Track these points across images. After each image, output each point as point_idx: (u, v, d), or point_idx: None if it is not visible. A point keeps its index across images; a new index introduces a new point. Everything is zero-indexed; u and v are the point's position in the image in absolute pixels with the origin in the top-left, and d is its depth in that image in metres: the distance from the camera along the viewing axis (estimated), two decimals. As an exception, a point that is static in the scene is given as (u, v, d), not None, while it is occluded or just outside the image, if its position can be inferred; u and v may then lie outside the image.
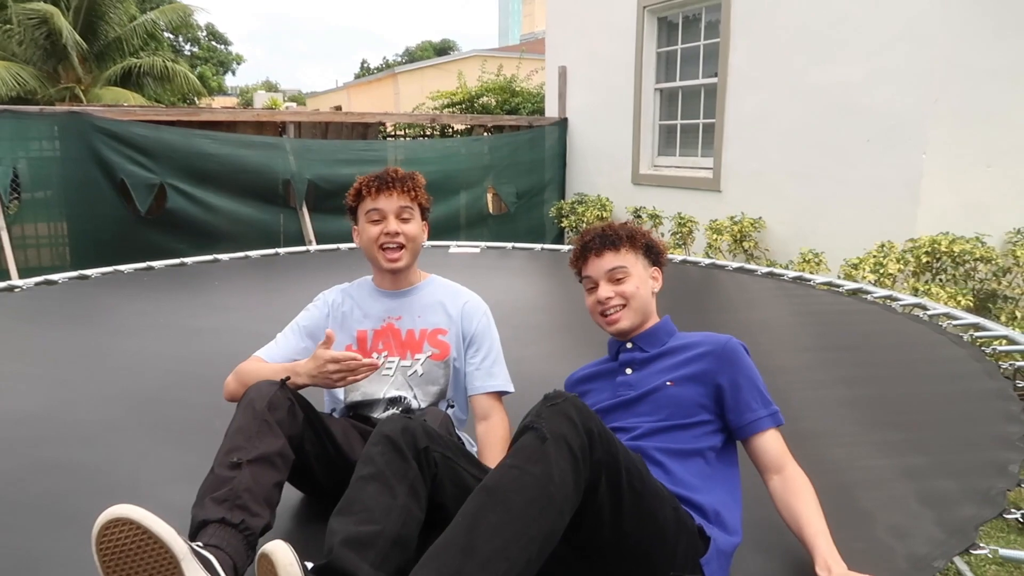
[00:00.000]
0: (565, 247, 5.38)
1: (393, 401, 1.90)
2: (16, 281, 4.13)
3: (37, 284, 4.05)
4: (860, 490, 1.87)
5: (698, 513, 1.45)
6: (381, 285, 2.02)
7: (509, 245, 5.40)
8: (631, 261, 1.74)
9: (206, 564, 1.24)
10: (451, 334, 1.94)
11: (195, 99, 18.59)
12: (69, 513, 1.78)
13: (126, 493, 1.84)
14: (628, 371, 1.71)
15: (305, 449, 1.60)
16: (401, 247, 1.92)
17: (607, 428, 1.31)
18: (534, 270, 4.85)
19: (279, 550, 1.22)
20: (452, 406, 1.94)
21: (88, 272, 4.27)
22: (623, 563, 1.34)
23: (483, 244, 5.42)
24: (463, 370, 1.95)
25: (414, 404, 1.89)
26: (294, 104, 30.82)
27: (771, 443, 1.58)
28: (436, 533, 1.28)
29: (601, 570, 1.35)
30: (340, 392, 1.95)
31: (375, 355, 1.92)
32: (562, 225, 7.75)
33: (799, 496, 1.52)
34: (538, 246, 5.31)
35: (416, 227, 1.95)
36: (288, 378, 1.63)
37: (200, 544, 1.30)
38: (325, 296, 2.04)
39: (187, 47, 28.40)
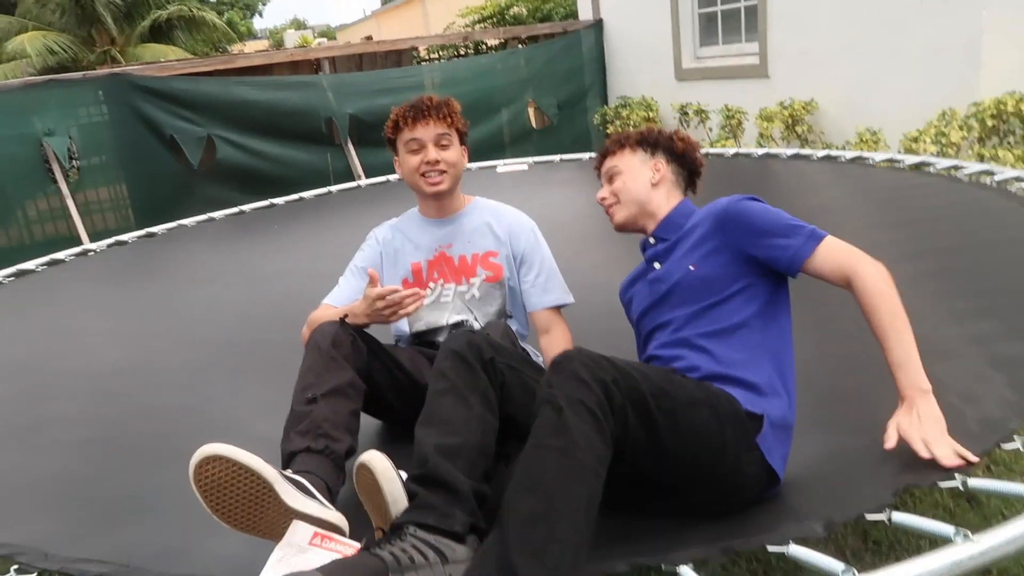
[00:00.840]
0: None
1: (456, 326, 1.97)
2: (89, 245, 4.31)
3: (109, 246, 4.22)
4: (931, 359, 1.85)
5: (750, 390, 1.47)
6: (427, 214, 2.06)
7: (557, 158, 5.34)
8: (623, 159, 1.82)
9: (299, 486, 1.34)
10: (502, 256, 1.98)
11: (227, 47, 18.57)
12: (171, 452, 1.89)
13: (220, 431, 1.96)
14: (657, 265, 1.73)
15: (375, 379, 1.70)
16: (442, 173, 1.94)
17: (622, 365, 1.31)
18: (583, 180, 4.80)
19: (376, 459, 1.31)
20: (511, 318, 1.99)
21: (154, 229, 4.43)
22: (679, 475, 1.39)
23: (530, 160, 5.37)
24: (519, 288, 2.00)
25: (476, 326, 1.95)
26: (325, 40, 30.53)
27: (822, 262, 1.52)
28: (510, 441, 1.39)
29: (662, 487, 1.42)
30: (404, 324, 2.01)
31: (431, 284, 1.98)
32: (608, 131, 7.60)
33: (872, 315, 1.47)
34: (586, 155, 5.24)
35: (455, 152, 1.96)
36: (347, 316, 1.72)
37: (291, 471, 1.40)
38: (376, 233, 2.09)
39: (212, -7, 28.20)
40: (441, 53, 9.04)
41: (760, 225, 1.58)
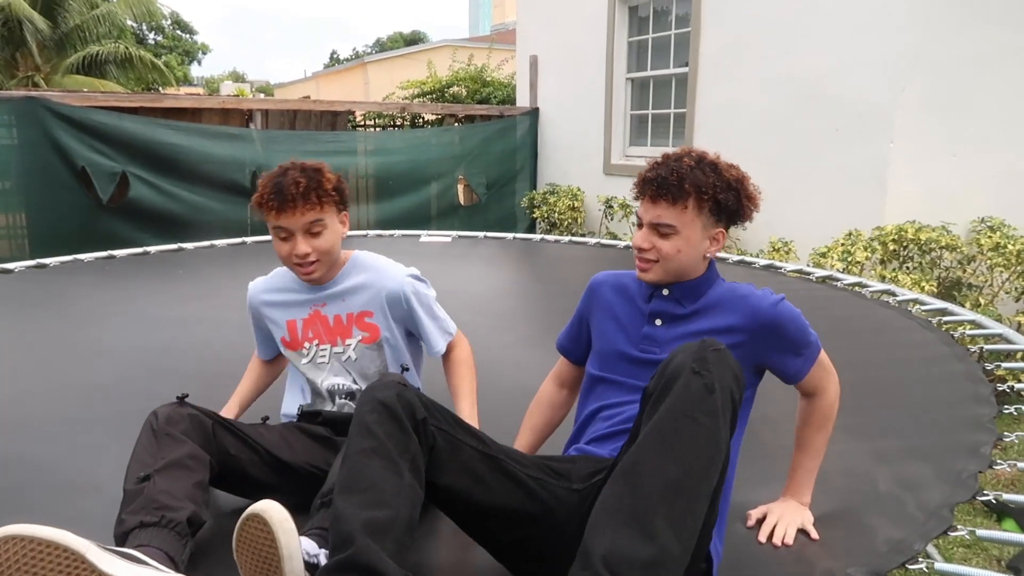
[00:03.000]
0: (537, 236, 5.35)
1: (333, 395, 1.88)
2: (-30, 271, 3.99)
3: (-8, 274, 3.92)
4: (834, 475, 1.86)
5: None
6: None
7: (481, 234, 5.36)
8: (686, 221, 1.52)
9: (125, 556, 1.19)
10: (378, 316, 1.87)
11: (159, 88, 18.21)
12: (24, 508, 1.70)
13: (75, 489, 1.79)
14: (658, 322, 1.60)
15: (231, 454, 1.58)
16: (314, 263, 1.79)
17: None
18: (506, 258, 4.81)
19: (273, 508, 1.16)
20: (407, 371, 1.89)
21: (47, 261, 4.15)
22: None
23: (455, 233, 5.37)
24: (403, 344, 1.90)
25: (354, 387, 1.86)
26: (262, 95, 30.38)
27: (810, 379, 1.57)
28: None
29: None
30: (292, 408, 1.92)
31: (306, 344, 1.88)
32: (534, 216, 7.71)
33: (804, 427, 1.60)
34: (510, 235, 5.27)
35: (329, 237, 1.79)
36: (186, 395, 1.60)
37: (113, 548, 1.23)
38: (249, 299, 1.98)
39: (151, 36, 27.85)
40: (377, 121, 9.08)
41: (792, 336, 1.54)
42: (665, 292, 1.61)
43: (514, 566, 1.41)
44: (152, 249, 4.58)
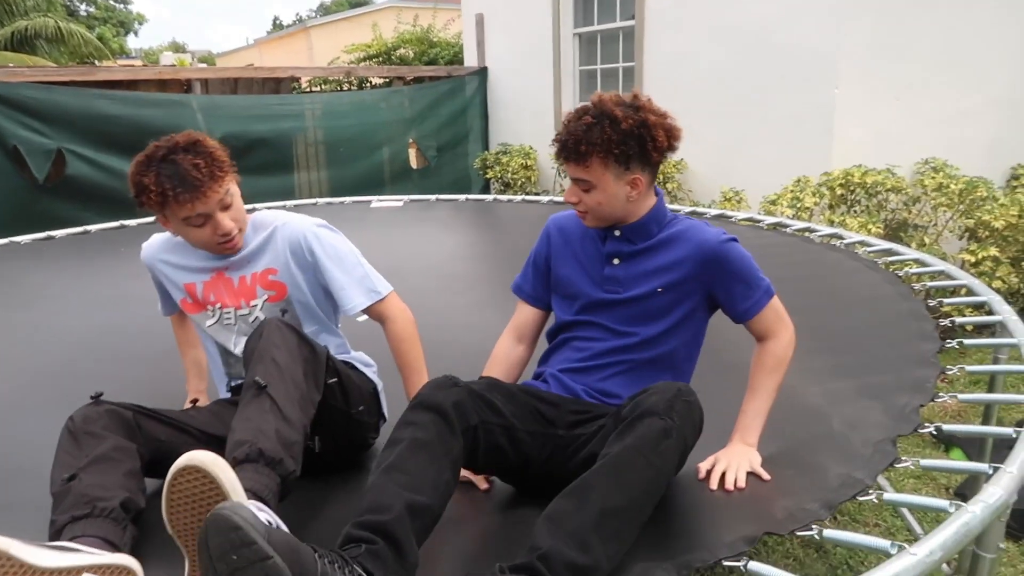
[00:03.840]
0: (490, 197, 5.31)
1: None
2: (-101, 258, 3.82)
3: (-77, 260, 3.76)
4: (783, 416, 1.90)
5: None
6: (199, 248, 1.81)
7: (433, 197, 5.29)
8: (595, 176, 1.60)
9: (54, 547, 1.16)
10: (283, 272, 1.79)
11: (95, 62, 17.50)
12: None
13: (29, 473, 1.73)
14: (616, 261, 1.70)
15: (162, 440, 1.55)
16: (237, 233, 1.73)
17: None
18: (459, 220, 4.77)
19: (198, 455, 1.15)
20: (285, 311, 1.82)
21: (-20, 245, 3.99)
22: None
23: (406, 197, 5.29)
24: (318, 303, 1.83)
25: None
26: (203, 65, 29.43)
27: (759, 320, 1.67)
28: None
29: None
30: (222, 389, 1.87)
31: (209, 308, 1.80)
32: (487, 176, 7.65)
33: (755, 371, 1.68)
34: (463, 197, 5.22)
35: (239, 203, 1.73)
36: (100, 393, 1.56)
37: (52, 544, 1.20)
38: (145, 258, 1.88)
39: (83, 7, 26.69)
40: (323, 87, 8.86)
41: (738, 273, 1.65)
42: (617, 233, 1.70)
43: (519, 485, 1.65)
44: (93, 228, 4.44)
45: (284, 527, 1.23)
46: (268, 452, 1.32)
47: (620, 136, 1.57)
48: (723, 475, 1.56)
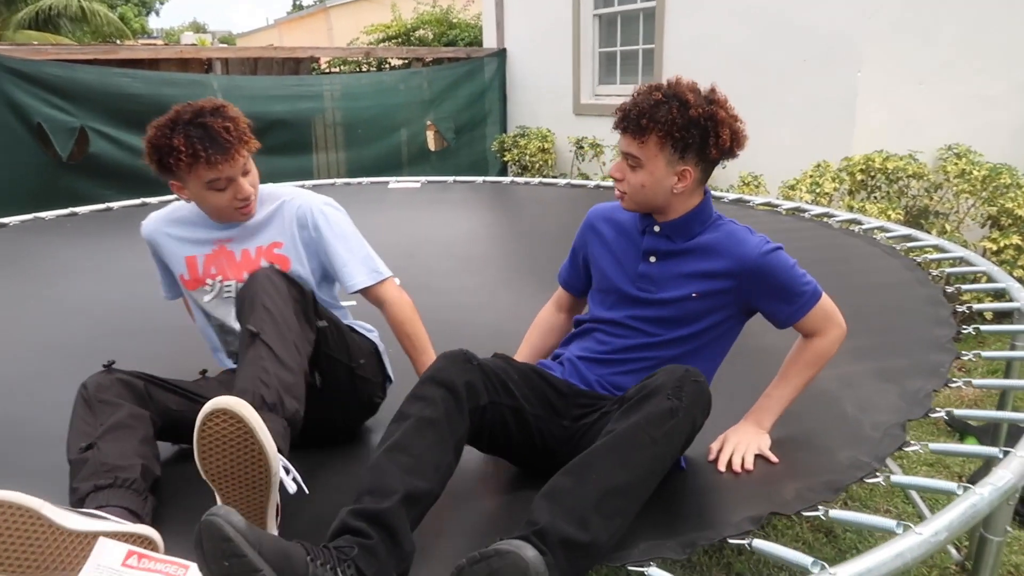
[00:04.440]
0: (507, 179, 5.31)
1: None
2: (-73, 232, 3.90)
3: (-51, 235, 3.83)
4: (799, 399, 1.90)
5: None
6: (212, 216, 1.82)
7: (450, 179, 5.30)
8: (648, 155, 1.55)
9: (83, 513, 1.19)
10: (287, 246, 1.81)
11: (117, 42, 17.60)
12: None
13: (51, 440, 1.78)
14: (652, 259, 1.67)
15: (173, 410, 1.57)
16: (253, 199, 1.76)
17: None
18: (476, 202, 4.78)
19: (234, 401, 1.19)
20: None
21: (6, 220, 4.05)
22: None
23: (424, 179, 5.31)
24: (315, 278, 1.85)
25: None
26: (224, 45, 29.49)
27: (805, 323, 1.64)
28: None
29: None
30: (225, 359, 1.88)
31: (208, 281, 1.80)
32: (504, 159, 7.64)
33: (791, 361, 1.67)
34: (480, 178, 5.23)
35: (254, 169, 1.77)
36: (113, 361, 1.59)
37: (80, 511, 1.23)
38: (144, 236, 1.89)
39: (104, -15, 26.76)
40: (342, 67, 8.87)
41: (780, 285, 1.61)
42: (656, 229, 1.66)
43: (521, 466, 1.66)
44: (115, 205, 4.49)
45: (304, 487, 1.28)
46: (269, 399, 1.35)
47: (685, 121, 1.52)
48: (731, 457, 1.57)
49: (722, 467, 1.56)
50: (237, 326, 1.76)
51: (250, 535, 1.03)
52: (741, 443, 1.60)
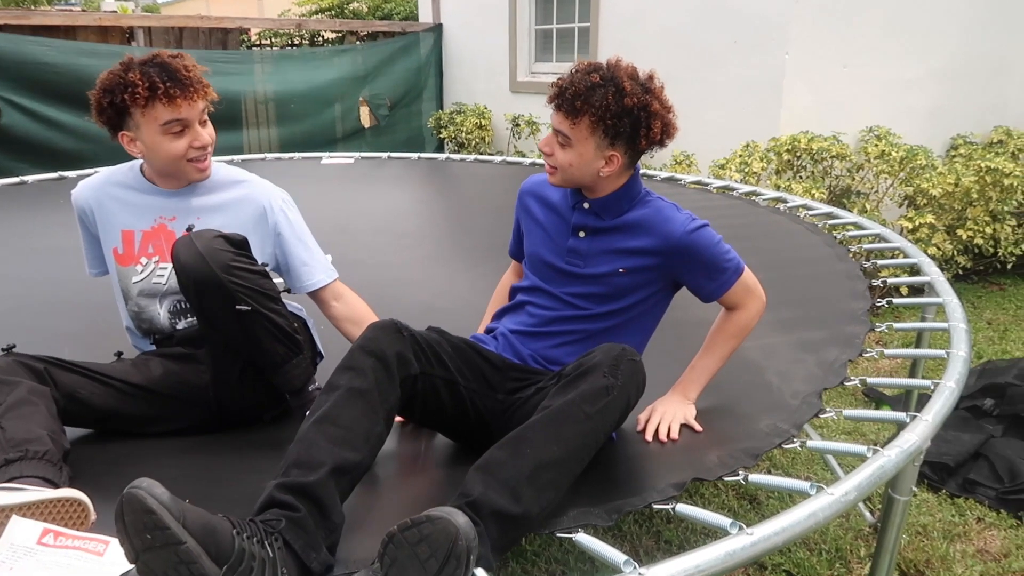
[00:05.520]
0: (442, 156, 5.27)
1: (176, 313, 1.71)
2: None
3: None
4: (724, 369, 1.97)
5: None
6: (154, 179, 1.73)
7: (384, 155, 5.24)
8: (579, 136, 1.56)
9: (3, 488, 1.16)
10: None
11: (32, 7, 16.68)
12: None
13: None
14: (581, 234, 1.69)
15: (78, 391, 1.52)
16: (209, 154, 1.69)
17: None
18: (410, 178, 4.73)
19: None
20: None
21: (-91, 195, 3.83)
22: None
23: (357, 155, 5.22)
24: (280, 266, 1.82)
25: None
26: (147, 13, 28.26)
27: (728, 297, 1.70)
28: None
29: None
30: (144, 341, 1.80)
31: (143, 260, 1.71)
32: (441, 136, 7.58)
33: (714, 333, 1.74)
34: (415, 155, 5.17)
35: (210, 124, 1.71)
36: (13, 346, 1.54)
37: None
38: (76, 203, 1.78)
39: (16, -52, 25.29)
40: (273, 40, 8.62)
41: (705, 262, 1.65)
42: (586, 205, 1.69)
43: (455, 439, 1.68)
44: (30, 179, 4.29)
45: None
46: (302, 346, 1.52)
47: (619, 109, 1.53)
48: (658, 427, 1.62)
49: (649, 437, 1.60)
50: (155, 313, 1.72)
51: (174, 508, 1.01)
52: (667, 413, 1.64)
